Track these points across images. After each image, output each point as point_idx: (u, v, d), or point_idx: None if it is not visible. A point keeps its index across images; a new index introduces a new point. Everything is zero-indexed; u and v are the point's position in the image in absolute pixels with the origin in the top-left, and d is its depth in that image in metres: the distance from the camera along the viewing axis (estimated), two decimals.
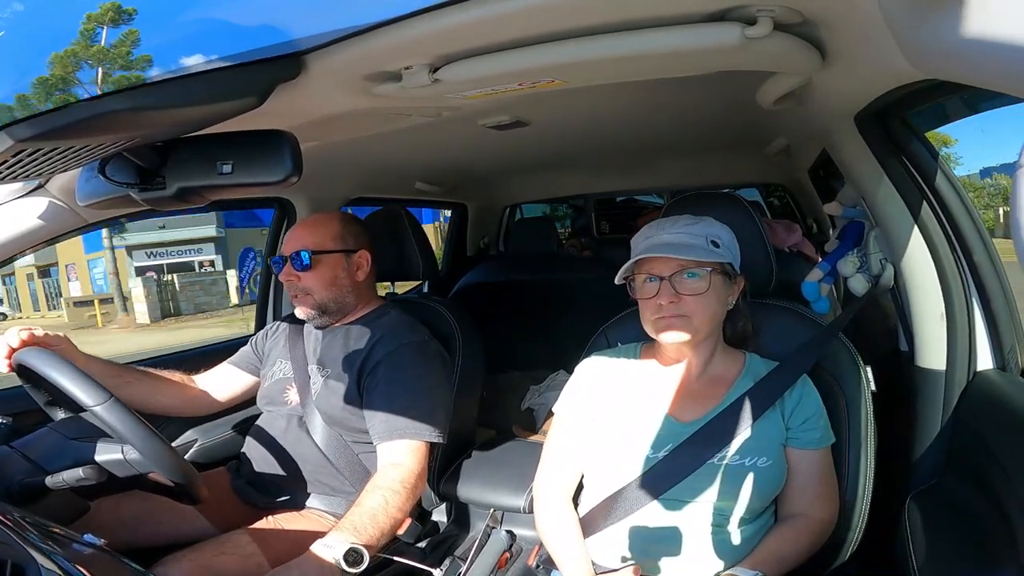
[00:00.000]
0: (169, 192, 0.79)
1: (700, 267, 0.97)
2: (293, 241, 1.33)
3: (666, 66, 0.82)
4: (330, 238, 1.34)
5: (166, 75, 0.63)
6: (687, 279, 0.97)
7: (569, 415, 1.10)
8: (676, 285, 0.97)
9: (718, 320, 1.02)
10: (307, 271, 1.31)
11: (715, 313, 1.00)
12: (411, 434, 1.20)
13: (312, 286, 1.31)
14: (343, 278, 1.34)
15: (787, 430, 0.99)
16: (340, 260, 1.34)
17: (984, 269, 1.02)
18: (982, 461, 0.89)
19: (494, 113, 1.26)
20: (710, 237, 0.99)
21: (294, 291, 1.33)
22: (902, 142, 1.02)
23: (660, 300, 0.97)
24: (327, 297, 1.33)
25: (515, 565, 1.16)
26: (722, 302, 1.01)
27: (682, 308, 0.97)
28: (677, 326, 0.97)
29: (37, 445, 0.96)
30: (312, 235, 1.33)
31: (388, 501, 1.10)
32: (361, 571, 0.96)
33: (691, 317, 0.97)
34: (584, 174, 2.53)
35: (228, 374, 1.45)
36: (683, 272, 0.97)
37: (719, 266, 0.99)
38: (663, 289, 0.97)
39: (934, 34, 0.56)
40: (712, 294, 0.98)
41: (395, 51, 0.71)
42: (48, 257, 21.36)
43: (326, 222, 1.37)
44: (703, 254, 0.96)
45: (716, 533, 0.95)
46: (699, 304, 0.97)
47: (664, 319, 0.98)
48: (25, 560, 0.58)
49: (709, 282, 0.97)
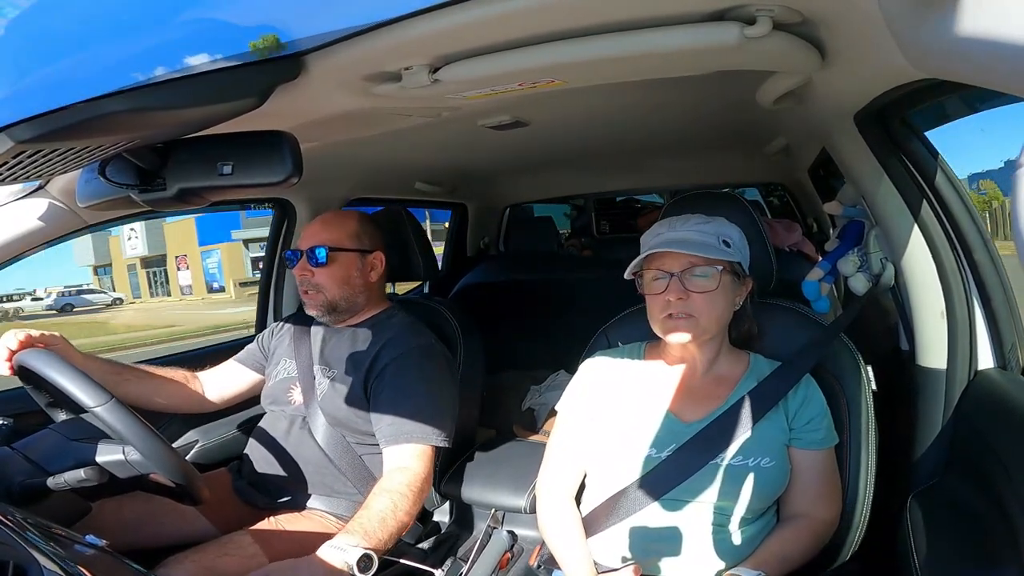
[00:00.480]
0: (169, 193, 0.79)
1: (711, 264, 0.96)
2: (310, 237, 1.33)
3: (666, 66, 0.82)
4: (347, 236, 1.34)
5: (166, 75, 0.63)
6: (697, 277, 0.96)
7: (571, 415, 1.10)
8: (685, 282, 0.96)
9: (725, 321, 1.02)
10: (322, 267, 1.30)
11: (722, 313, 0.99)
12: (418, 438, 1.20)
13: (325, 283, 1.31)
14: (356, 277, 1.34)
15: (790, 430, 0.99)
16: (355, 259, 1.34)
17: (984, 267, 1.02)
18: (983, 460, 0.89)
19: (494, 113, 1.26)
20: (722, 236, 0.99)
21: (306, 287, 1.32)
22: (902, 141, 1.02)
23: (668, 296, 0.97)
24: (338, 295, 1.32)
25: (516, 565, 1.16)
26: (730, 302, 1.01)
27: (690, 307, 0.96)
28: (683, 327, 0.97)
29: (38, 446, 0.96)
30: (329, 232, 1.33)
31: (396, 505, 1.10)
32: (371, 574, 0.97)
33: (698, 317, 0.97)
34: (584, 174, 2.52)
35: (233, 371, 1.44)
36: (693, 269, 0.96)
37: (729, 265, 0.99)
38: (672, 285, 0.96)
39: (934, 33, 0.56)
40: (720, 293, 0.97)
41: (395, 51, 0.71)
42: (156, 249, 24.49)
43: (344, 220, 1.37)
44: (715, 252, 0.96)
45: (718, 533, 0.95)
46: (707, 303, 0.96)
47: (671, 318, 0.97)
48: (27, 561, 0.58)
49: (719, 281, 0.96)
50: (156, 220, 16.77)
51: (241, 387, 1.44)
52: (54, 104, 0.62)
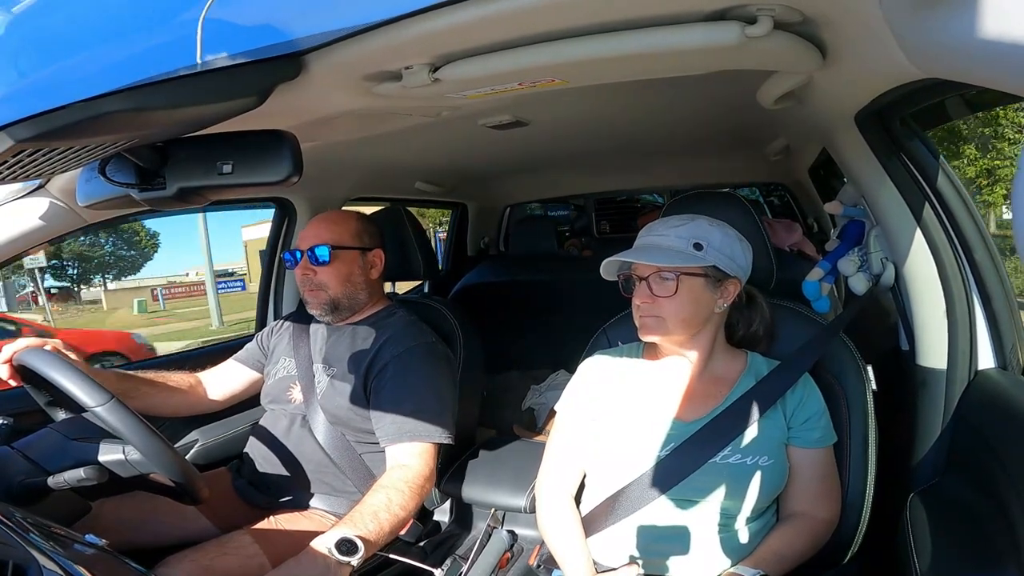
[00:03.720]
0: (169, 192, 0.79)
1: (672, 271, 0.98)
2: (311, 236, 1.33)
3: (666, 65, 0.82)
4: (349, 235, 1.34)
5: (166, 75, 0.63)
6: (661, 282, 0.98)
7: (571, 414, 1.10)
8: (653, 286, 0.99)
9: (697, 322, 1.01)
10: (324, 266, 1.30)
11: (690, 316, 0.99)
12: (419, 436, 1.21)
13: (328, 281, 1.31)
14: (358, 275, 1.35)
15: (788, 429, 0.99)
16: (357, 257, 1.34)
17: (985, 267, 1.02)
18: (983, 460, 0.89)
19: (494, 113, 1.26)
20: (694, 239, 0.99)
21: (309, 286, 1.32)
22: (902, 141, 1.02)
23: (637, 300, 1.01)
24: (341, 293, 1.33)
25: (516, 565, 1.16)
26: (702, 305, 1.00)
27: (655, 309, 0.99)
28: (650, 326, 1.00)
29: (38, 445, 0.96)
30: (331, 231, 1.33)
31: (391, 499, 1.10)
32: (357, 561, 0.97)
33: (666, 319, 0.99)
34: (584, 174, 2.52)
35: (233, 371, 1.45)
36: (659, 275, 0.98)
37: (700, 269, 0.98)
38: (639, 289, 1.00)
39: (934, 33, 0.56)
40: (684, 297, 0.98)
41: (395, 51, 0.71)
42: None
43: (346, 218, 1.37)
44: (674, 258, 0.97)
45: (717, 532, 0.95)
46: (672, 306, 0.98)
47: (641, 318, 1.01)
48: (27, 561, 0.58)
49: (676, 285, 0.97)
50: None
51: (242, 386, 1.44)
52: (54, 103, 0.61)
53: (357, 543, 0.97)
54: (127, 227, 22.64)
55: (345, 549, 0.96)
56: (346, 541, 0.97)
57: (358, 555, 0.97)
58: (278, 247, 1.87)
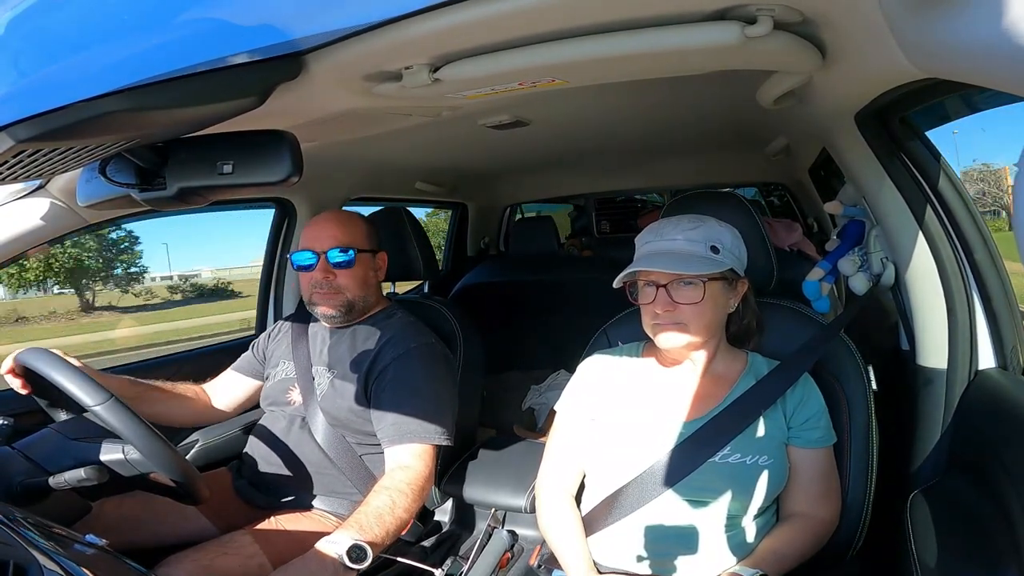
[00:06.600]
0: (170, 192, 0.79)
1: (697, 277, 0.97)
2: (325, 237, 1.29)
3: (666, 65, 0.82)
4: (363, 236, 1.33)
5: (166, 75, 0.62)
6: (683, 288, 0.97)
7: (571, 414, 1.10)
8: (672, 293, 0.97)
9: (716, 326, 1.02)
10: (346, 269, 1.28)
11: (712, 320, 1.00)
12: (420, 437, 1.20)
13: (347, 284, 1.29)
14: (372, 277, 1.35)
15: (788, 429, 0.99)
16: (369, 259, 1.34)
17: (985, 267, 1.02)
18: (984, 460, 0.89)
19: (494, 113, 1.26)
20: (710, 243, 0.99)
21: (324, 289, 1.29)
22: (902, 141, 1.02)
23: (656, 308, 0.98)
24: (358, 296, 1.31)
25: (516, 565, 1.16)
26: (721, 308, 1.01)
27: (678, 316, 0.97)
28: (672, 333, 0.98)
29: (39, 446, 0.96)
30: (347, 232, 1.30)
31: (395, 502, 1.10)
32: (364, 568, 0.96)
33: (687, 324, 0.97)
34: (584, 174, 2.52)
35: (233, 382, 1.44)
36: (680, 281, 0.97)
37: (718, 274, 0.99)
38: (659, 297, 0.98)
39: (934, 33, 0.56)
40: (708, 303, 0.97)
41: (395, 51, 0.71)
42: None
43: (357, 219, 1.36)
44: (700, 265, 0.96)
45: (717, 531, 0.95)
46: (694, 312, 0.97)
47: (660, 326, 0.99)
48: (27, 561, 0.58)
49: (704, 291, 0.97)
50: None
51: (246, 395, 1.44)
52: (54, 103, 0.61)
53: (367, 550, 0.97)
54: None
55: (355, 556, 0.96)
56: (357, 547, 0.96)
57: (367, 562, 0.97)
58: (278, 247, 1.86)
